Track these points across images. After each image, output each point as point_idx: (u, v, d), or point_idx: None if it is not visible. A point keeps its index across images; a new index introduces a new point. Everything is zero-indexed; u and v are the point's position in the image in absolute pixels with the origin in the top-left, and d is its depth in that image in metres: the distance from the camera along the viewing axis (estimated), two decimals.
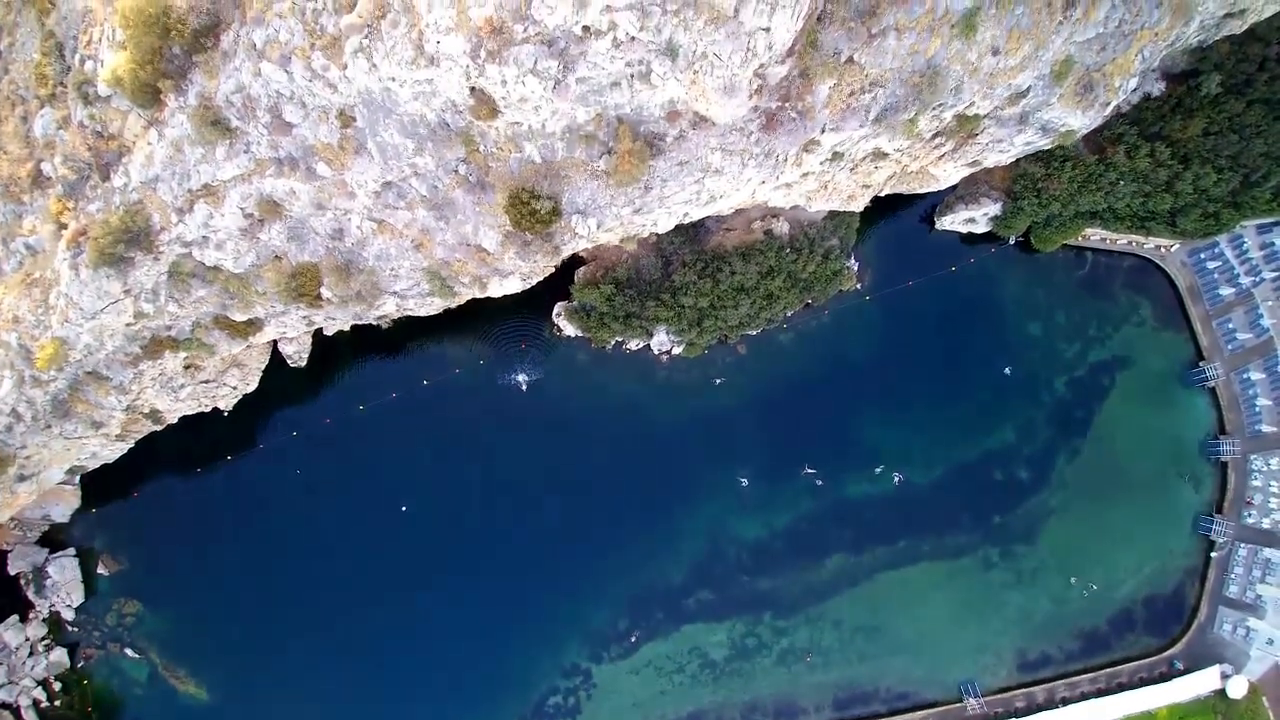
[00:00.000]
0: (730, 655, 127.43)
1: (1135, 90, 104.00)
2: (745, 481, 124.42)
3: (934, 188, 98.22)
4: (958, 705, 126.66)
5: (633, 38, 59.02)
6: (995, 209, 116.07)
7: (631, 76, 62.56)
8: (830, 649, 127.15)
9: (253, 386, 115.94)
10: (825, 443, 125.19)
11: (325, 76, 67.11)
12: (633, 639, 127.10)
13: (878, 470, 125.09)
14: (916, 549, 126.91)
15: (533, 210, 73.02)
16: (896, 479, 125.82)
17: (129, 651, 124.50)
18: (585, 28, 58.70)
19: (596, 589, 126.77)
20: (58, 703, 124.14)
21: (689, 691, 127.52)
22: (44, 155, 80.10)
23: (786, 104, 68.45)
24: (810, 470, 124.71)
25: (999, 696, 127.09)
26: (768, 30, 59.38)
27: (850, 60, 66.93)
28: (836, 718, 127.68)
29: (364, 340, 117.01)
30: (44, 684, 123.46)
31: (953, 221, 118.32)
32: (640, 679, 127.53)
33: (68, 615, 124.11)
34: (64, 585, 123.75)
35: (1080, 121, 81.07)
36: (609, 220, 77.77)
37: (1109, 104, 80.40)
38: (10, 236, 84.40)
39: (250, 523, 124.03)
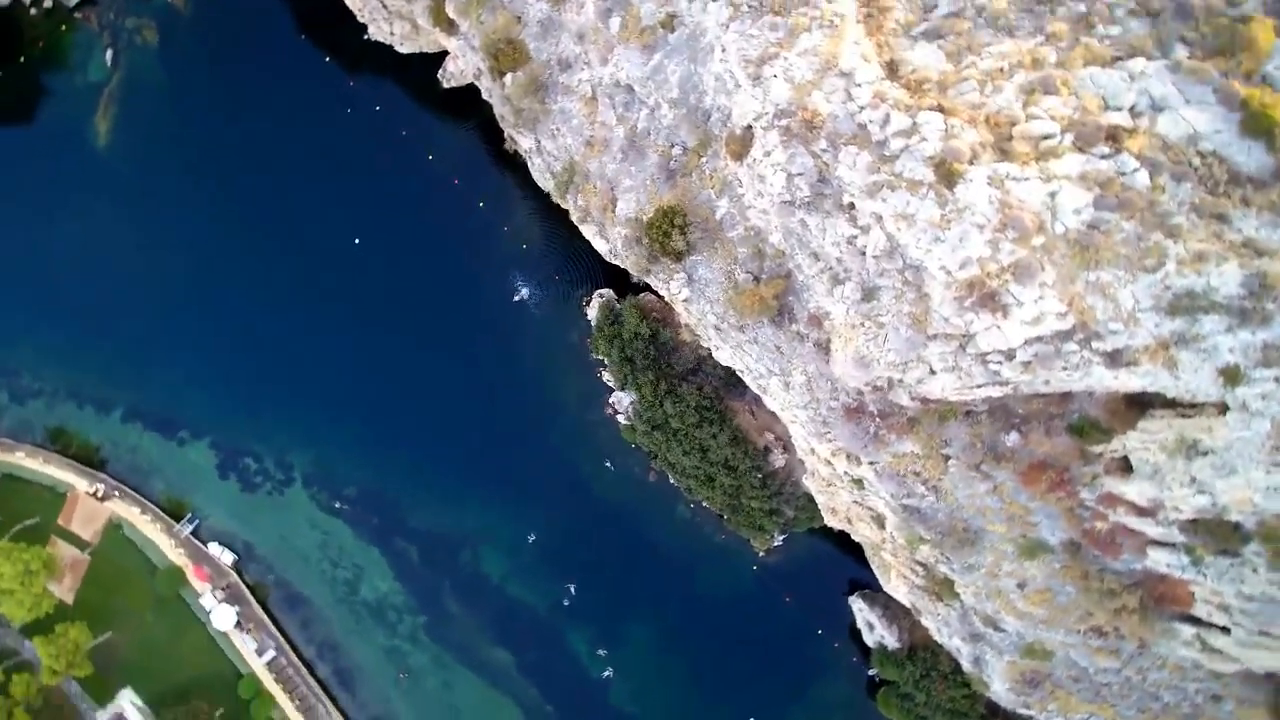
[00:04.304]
0: (370, 602, 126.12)
1: None
2: (532, 538, 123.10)
3: (882, 581, 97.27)
4: None
5: (864, 254, 57.99)
6: (893, 643, 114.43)
7: (829, 270, 61.44)
8: (420, 690, 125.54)
9: (383, 39, 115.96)
10: (605, 589, 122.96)
11: None
12: (339, 505, 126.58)
13: (603, 653, 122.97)
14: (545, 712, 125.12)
15: (666, 235, 71.90)
16: (607, 674, 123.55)
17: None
18: (850, 205, 57.66)
19: (368, 446, 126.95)
20: None
21: (320, 580, 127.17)
22: None
23: (878, 419, 67.37)
24: (572, 589, 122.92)
25: None
26: (932, 374, 58.29)
27: (946, 456, 65.96)
28: None
29: (491, 126, 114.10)
30: None
31: (860, 610, 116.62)
32: (310, 531, 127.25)
33: None
34: None
35: (1001, 694, 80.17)
36: (696, 307, 76.73)
37: None
38: None
39: (255, 102, 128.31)
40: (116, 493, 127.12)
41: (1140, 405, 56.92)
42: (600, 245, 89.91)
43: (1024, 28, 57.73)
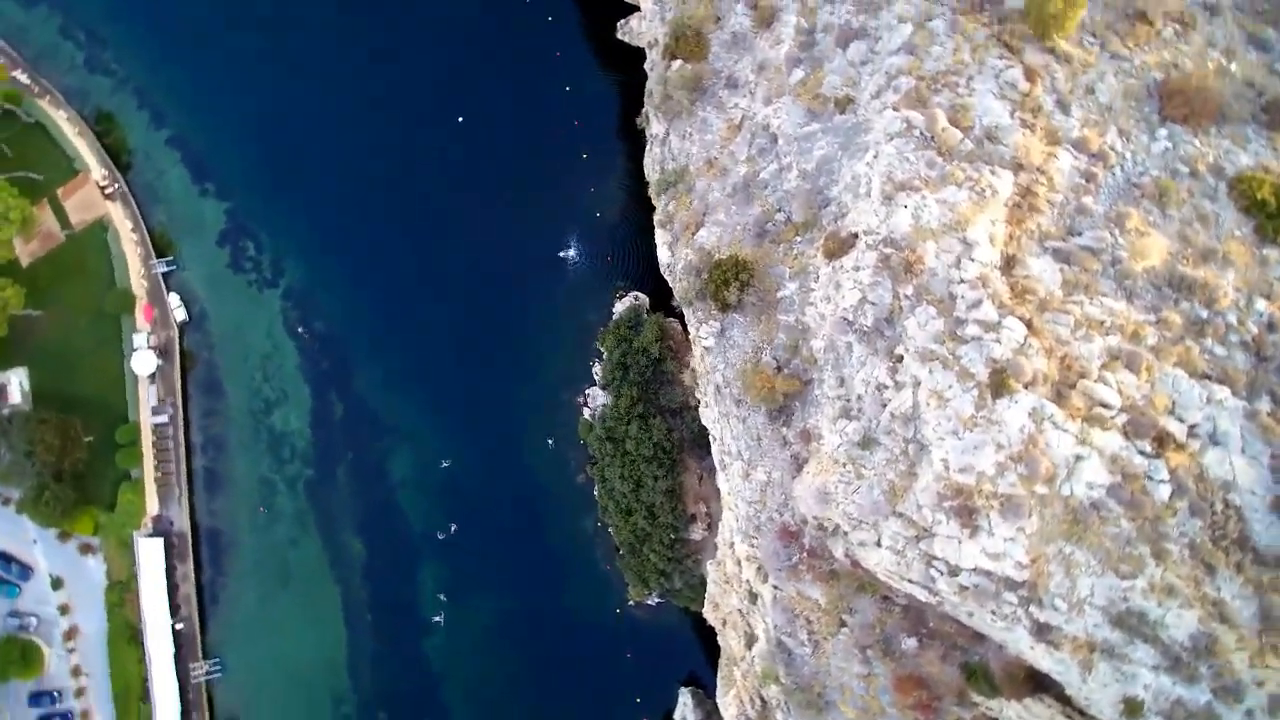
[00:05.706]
0: (275, 430, 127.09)
1: None
2: (446, 464, 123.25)
3: (719, 691, 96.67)
4: None
5: (884, 406, 57.37)
6: None
7: (845, 401, 60.75)
8: (269, 533, 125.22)
9: None
10: (480, 548, 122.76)
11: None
12: (302, 331, 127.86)
13: (443, 598, 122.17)
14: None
15: (725, 283, 71.37)
16: (437, 620, 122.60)
17: None
18: (899, 358, 57.09)
19: (358, 297, 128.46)
20: None
21: (246, 385, 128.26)
22: None
23: (804, 553, 66.79)
24: (453, 529, 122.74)
25: None
26: (877, 545, 57.66)
27: (843, 622, 65.44)
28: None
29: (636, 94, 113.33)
30: None
31: (685, 704, 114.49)
32: (264, 338, 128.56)
33: None
34: None
35: None
36: (712, 360, 75.99)
37: None
38: None
39: None
40: (122, 197, 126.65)
41: (1037, 684, 56.23)
42: (663, 255, 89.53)
43: (1143, 300, 57.20)
